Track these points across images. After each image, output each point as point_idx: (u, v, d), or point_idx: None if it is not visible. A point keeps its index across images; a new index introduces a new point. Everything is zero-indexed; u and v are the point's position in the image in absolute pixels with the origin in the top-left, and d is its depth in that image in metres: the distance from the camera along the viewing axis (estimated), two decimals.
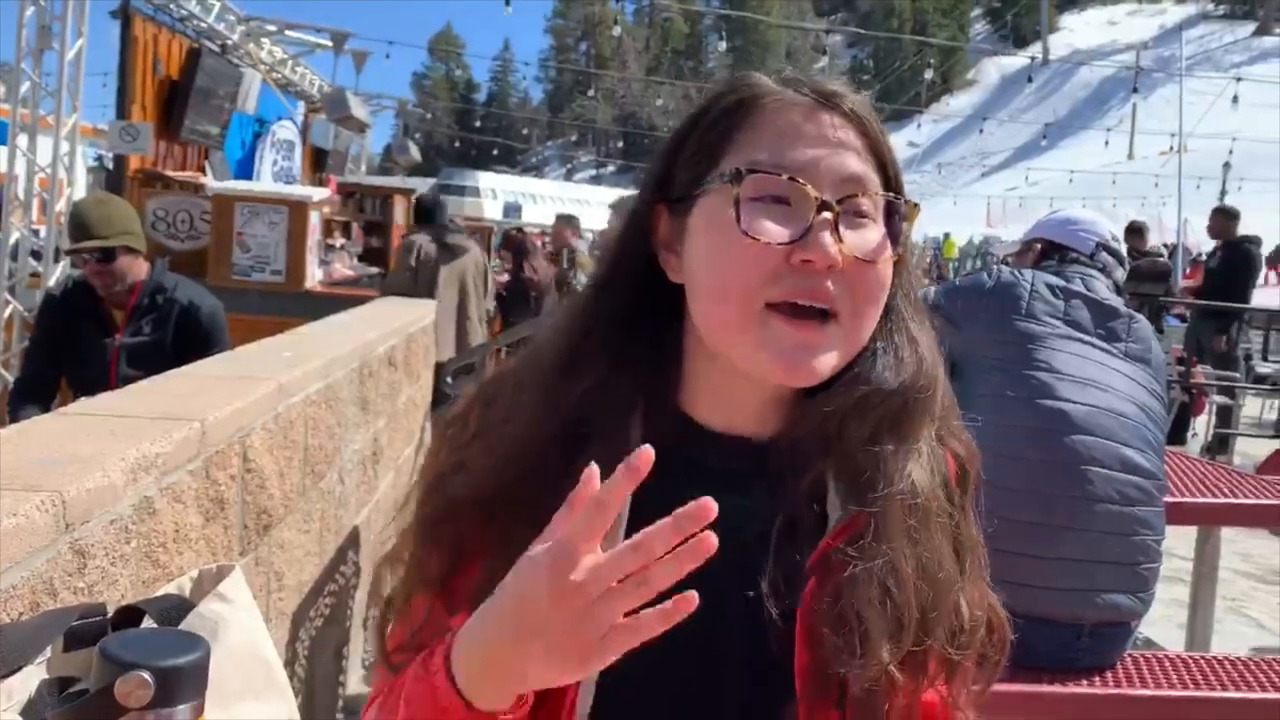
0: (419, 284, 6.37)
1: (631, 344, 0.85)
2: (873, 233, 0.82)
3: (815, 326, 0.79)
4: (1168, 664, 2.43)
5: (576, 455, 0.78)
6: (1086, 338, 2.35)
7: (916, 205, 0.85)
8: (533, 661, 0.68)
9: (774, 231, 0.79)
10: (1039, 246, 2.63)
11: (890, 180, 0.85)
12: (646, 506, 0.80)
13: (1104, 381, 2.28)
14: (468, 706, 0.71)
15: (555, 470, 0.79)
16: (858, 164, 0.82)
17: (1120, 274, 2.55)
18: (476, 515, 0.82)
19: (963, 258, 26.89)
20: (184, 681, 0.59)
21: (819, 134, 0.82)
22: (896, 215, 0.84)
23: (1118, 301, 2.44)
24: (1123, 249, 2.61)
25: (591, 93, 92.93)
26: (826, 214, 0.79)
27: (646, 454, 0.66)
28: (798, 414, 0.86)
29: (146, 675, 0.57)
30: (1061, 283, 2.41)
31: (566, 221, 9.88)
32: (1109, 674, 2.32)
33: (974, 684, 0.87)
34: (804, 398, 0.85)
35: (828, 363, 0.81)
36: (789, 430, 0.86)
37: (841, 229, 0.80)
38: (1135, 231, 9.88)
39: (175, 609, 1.12)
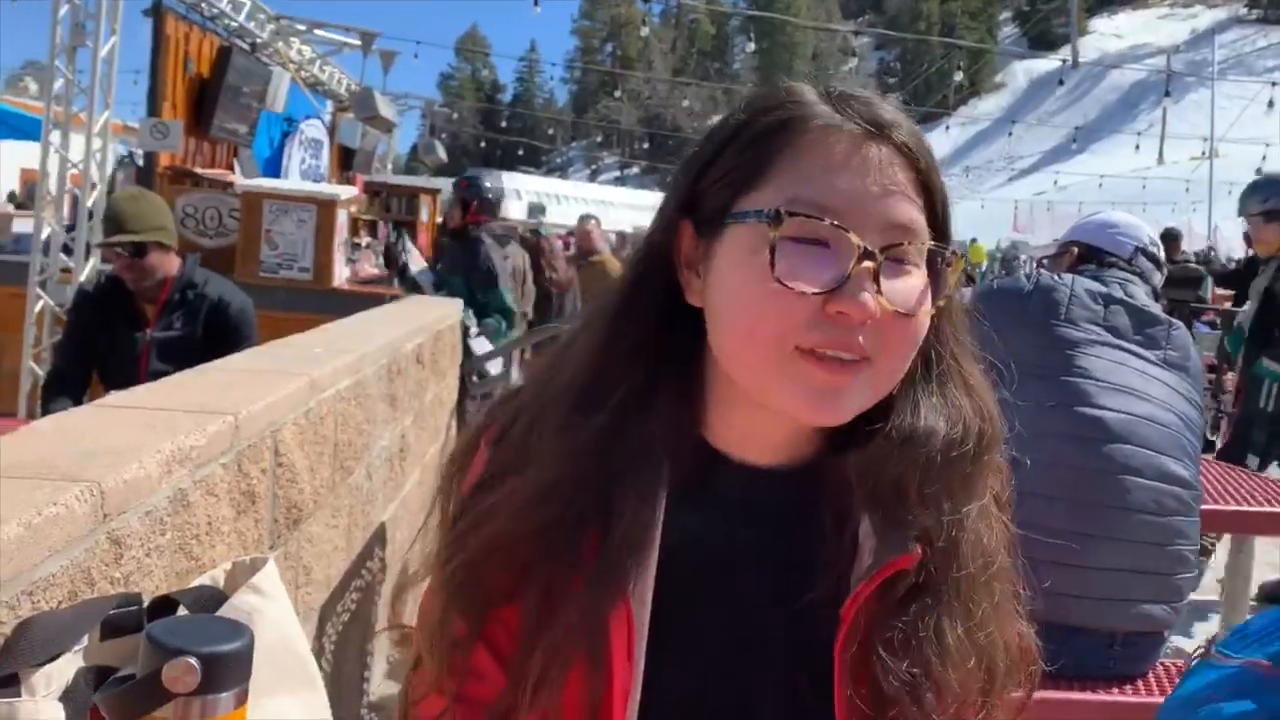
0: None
1: (654, 376, 0.81)
2: (914, 280, 0.78)
3: (844, 369, 0.76)
4: None
5: (608, 490, 0.78)
6: (1125, 344, 2.31)
7: (961, 256, 0.81)
8: None
9: (808, 279, 0.75)
10: (1075, 250, 2.58)
11: (939, 218, 0.81)
12: (675, 541, 0.79)
13: (1143, 389, 2.25)
14: None
15: (588, 506, 0.77)
16: (906, 208, 0.78)
17: (1158, 279, 2.51)
18: (503, 567, 0.79)
19: (990, 262, 26.71)
20: (229, 668, 0.59)
21: (867, 171, 0.77)
22: (941, 262, 0.80)
23: (1157, 308, 2.40)
24: (1161, 253, 2.57)
25: (617, 94, 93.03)
26: (868, 263, 0.75)
27: None
28: (829, 450, 0.83)
29: (193, 661, 0.57)
30: (1101, 288, 2.37)
31: (589, 221, 9.77)
32: (1140, 682, 2.29)
33: (1005, 711, 0.86)
34: (836, 434, 0.82)
35: (854, 404, 0.78)
36: (819, 465, 0.83)
37: (881, 278, 0.75)
38: (1170, 239, 9.81)
39: (210, 600, 1.13)
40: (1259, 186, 4.74)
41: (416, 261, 5.94)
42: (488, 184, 6.61)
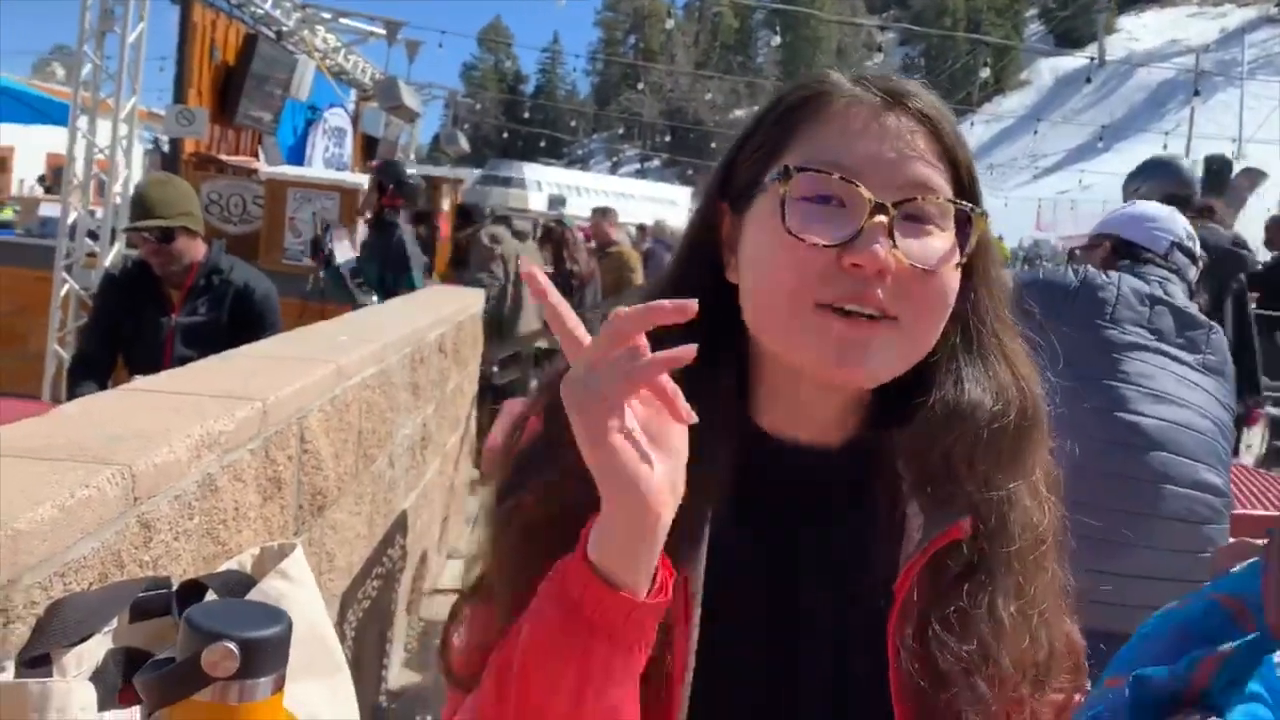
0: (508, 271, 6.37)
1: (701, 357, 0.82)
2: (936, 240, 0.78)
3: (864, 323, 0.76)
4: None
5: None
6: (1167, 348, 2.26)
7: (985, 214, 0.80)
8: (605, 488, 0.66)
9: (821, 232, 0.76)
10: (1109, 244, 2.51)
11: (964, 188, 0.81)
12: (727, 527, 0.79)
13: (1182, 396, 2.20)
14: (606, 584, 0.66)
15: None
16: (923, 168, 0.78)
17: (1193, 274, 2.46)
18: (553, 535, 0.77)
19: (1014, 260, 26.57)
20: (267, 653, 0.59)
21: (884, 134, 0.79)
22: (966, 223, 0.80)
23: (1194, 308, 2.36)
24: (1196, 247, 2.51)
25: (640, 86, 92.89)
26: (881, 217, 0.75)
27: (689, 351, 0.65)
28: (878, 428, 0.83)
29: (232, 646, 0.57)
30: (1146, 288, 2.31)
31: (603, 214, 9.77)
32: None
33: (1052, 710, 0.85)
34: (881, 410, 0.82)
35: (881, 361, 0.77)
36: (868, 443, 0.83)
37: (899, 234, 0.76)
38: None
39: (238, 585, 1.13)
40: (1136, 171, 4.52)
41: (345, 252, 5.90)
42: (406, 168, 6.52)
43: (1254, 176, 5.52)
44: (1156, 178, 4.18)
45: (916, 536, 0.80)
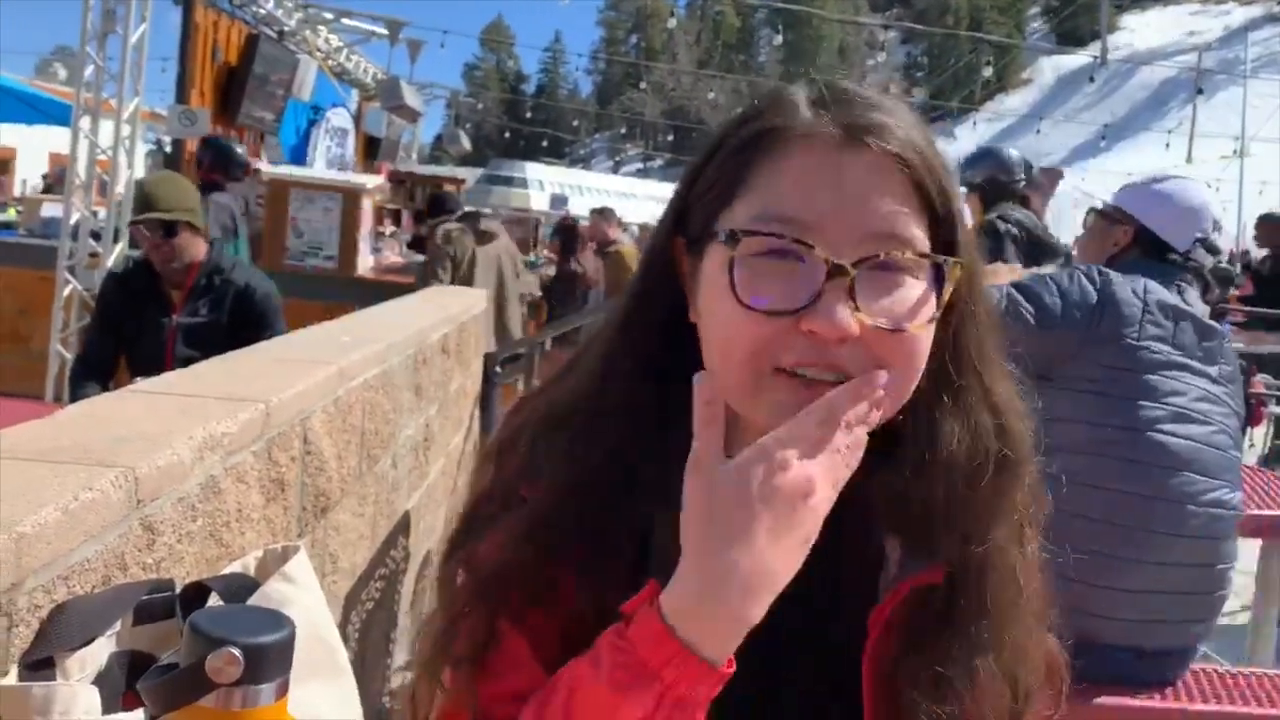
0: (457, 273, 6.35)
1: (665, 393, 0.78)
2: (906, 292, 0.72)
3: (827, 389, 0.71)
4: (1229, 680, 2.38)
5: (631, 508, 0.77)
6: (1191, 362, 2.21)
7: (957, 265, 0.74)
8: (765, 554, 0.66)
9: (776, 295, 0.71)
10: (1131, 230, 2.40)
11: (941, 221, 0.74)
12: None
13: (1204, 413, 2.17)
14: (692, 655, 0.65)
15: (617, 522, 0.77)
16: (889, 214, 0.72)
17: (1210, 263, 2.39)
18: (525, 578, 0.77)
19: None
20: (271, 659, 0.59)
21: (843, 180, 0.72)
22: (942, 274, 0.73)
23: (1206, 312, 2.33)
24: (1220, 240, 2.44)
25: (642, 86, 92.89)
26: (840, 279, 0.70)
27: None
28: (859, 471, 0.80)
29: (236, 651, 0.57)
30: (1173, 302, 2.23)
31: (601, 214, 9.69)
32: (1169, 690, 2.27)
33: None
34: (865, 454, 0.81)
35: None
36: (847, 486, 0.82)
37: (862, 293, 0.70)
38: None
39: (241, 587, 1.14)
40: (968, 159, 4.46)
41: None
42: (229, 144, 6.78)
43: (1053, 176, 5.95)
44: (985, 164, 4.31)
45: (894, 572, 0.79)
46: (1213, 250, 2.41)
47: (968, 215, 0.84)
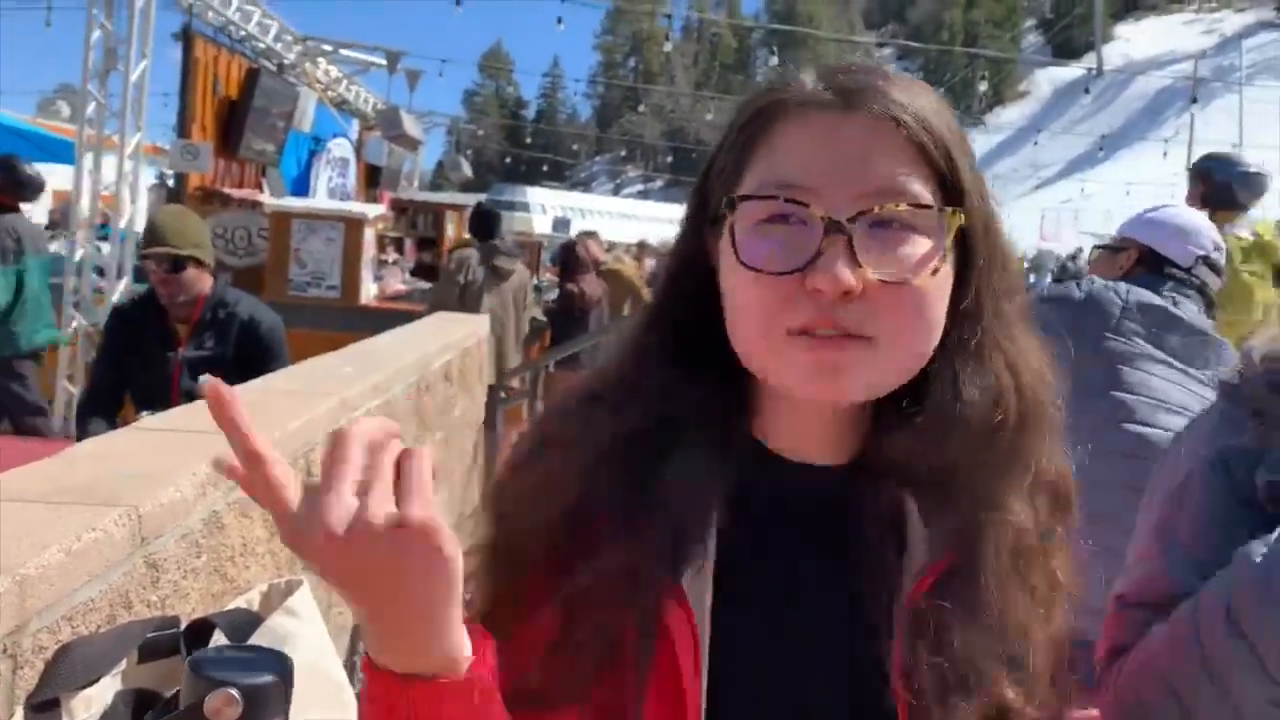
0: (465, 302, 6.37)
1: (694, 379, 0.80)
2: (909, 247, 0.73)
3: (835, 344, 0.72)
4: None
5: (650, 489, 0.77)
6: (1174, 363, 2.22)
7: (956, 213, 0.75)
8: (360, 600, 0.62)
9: (779, 259, 0.73)
10: (1135, 252, 2.46)
11: (945, 176, 0.75)
12: (731, 547, 0.79)
13: (1188, 406, 2.15)
14: (401, 678, 0.62)
15: (629, 503, 0.76)
16: (886, 171, 0.73)
17: (1216, 283, 2.41)
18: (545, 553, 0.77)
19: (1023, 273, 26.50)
20: (270, 698, 0.60)
21: (839, 141, 0.74)
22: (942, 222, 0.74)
23: (1207, 325, 2.32)
24: (1222, 259, 2.45)
25: (640, 108, 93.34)
26: (837, 235, 0.71)
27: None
28: (875, 440, 0.81)
29: (234, 692, 0.57)
30: (1154, 301, 2.27)
31: (588, 236, 9.58)
32: None
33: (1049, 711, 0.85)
34: (882, 422, 0.81)
35: (860, 381, 0.74)
36: (866, 458, 0.82)
37: (863, 248, 0.71)
38: None
39: (245, 623, 1.14)
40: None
41: None
42: (19, 163, 6.24)
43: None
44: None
45: (920, 554, 0.79)
46: (1217, 270, 2.42)
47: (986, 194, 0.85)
